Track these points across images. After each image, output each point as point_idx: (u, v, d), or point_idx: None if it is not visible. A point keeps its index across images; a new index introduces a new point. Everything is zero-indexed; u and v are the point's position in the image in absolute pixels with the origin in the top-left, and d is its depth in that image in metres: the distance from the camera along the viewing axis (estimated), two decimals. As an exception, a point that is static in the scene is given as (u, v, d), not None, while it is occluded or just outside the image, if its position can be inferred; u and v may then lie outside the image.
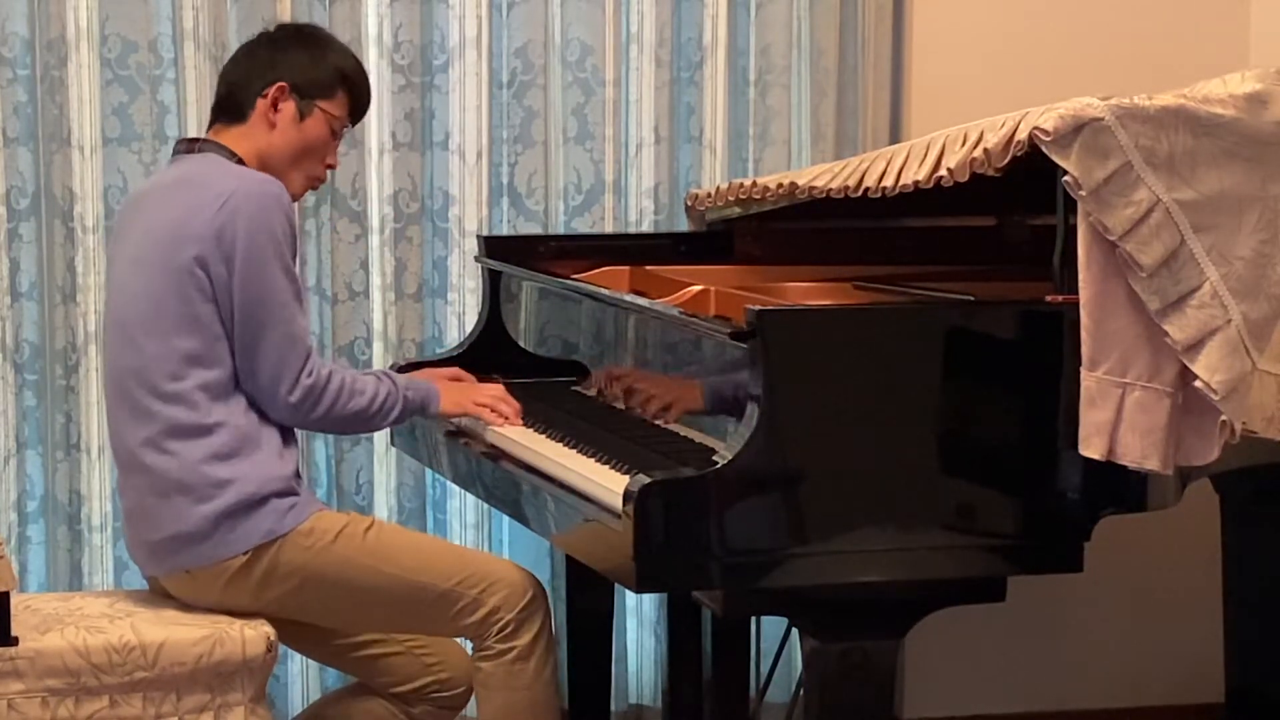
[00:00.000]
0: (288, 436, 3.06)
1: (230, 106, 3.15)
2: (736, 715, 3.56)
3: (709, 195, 3.77)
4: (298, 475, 3.05)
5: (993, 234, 3.65)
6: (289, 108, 3.12)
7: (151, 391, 2.98)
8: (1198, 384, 2.66)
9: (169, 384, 2.96)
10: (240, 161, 3.09)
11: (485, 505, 3.81)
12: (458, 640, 3.20)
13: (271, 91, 3.10)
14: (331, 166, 3.22)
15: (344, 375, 3.05)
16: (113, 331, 3.09)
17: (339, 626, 3.14)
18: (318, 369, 3.00)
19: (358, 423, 3.10)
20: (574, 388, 3.40)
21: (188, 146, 3.16)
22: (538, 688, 3.04)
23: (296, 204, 3.15)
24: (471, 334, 3.73)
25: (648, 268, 3.62)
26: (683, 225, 3.92)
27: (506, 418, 3.21)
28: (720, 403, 2.88)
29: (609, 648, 3.80)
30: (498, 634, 3.02)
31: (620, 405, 3.22)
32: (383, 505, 3.89)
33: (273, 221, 2.97)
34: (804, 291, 3.35)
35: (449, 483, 3.76)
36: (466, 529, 3.90)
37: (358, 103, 3.21)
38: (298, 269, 3.03)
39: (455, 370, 3.41)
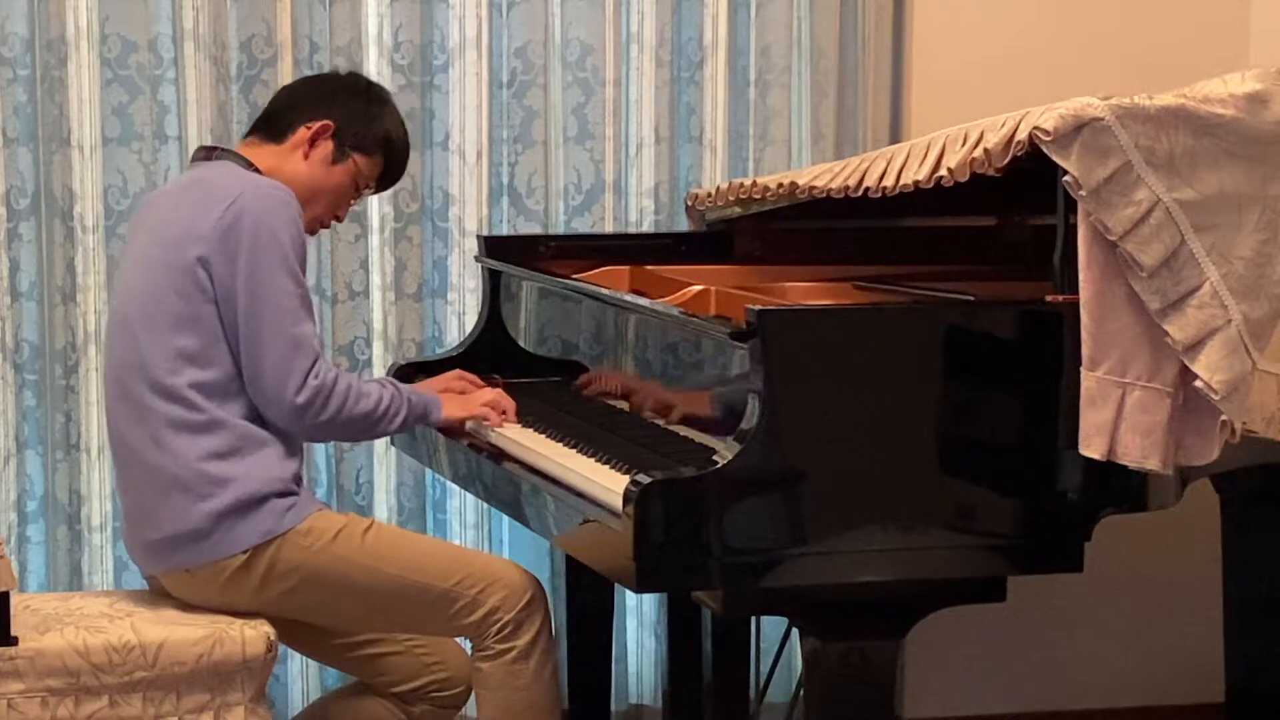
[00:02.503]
0: (290, 441, 3.05)
1: (272, 123, 3.19)
2: (736, 715, 3.56)
3: (709, 195, 3.77)
4: (298, 479, 3.05)
5: (993, 234, 3.65)
6: (326, 147, 3.15)
7: (150, 386, 2.99)
8: (1198, 384, 2.66)
9: (165, 379, 2.97)
10: (256, 172, 3.11)
11: (485, 505, 3.81)
12: (457, 640, 3.20)
13: (317, 126, 3.14)
14: (338, 219, 3.28)
15: (349, 378, 3.05)
16: (115, 328, 3.10)
17: (338, 626, 3.15)
18: (324, 371, 2.99)
19: (363, 427, 3.09)
20: (573, 385, 3.40)
21: (205, 154, 3.18)
22: (537, 688, 3.05)
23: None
24: (471, 334, 3.73)
25: (648, 268, 3.62)
26: (683, 225, 3.91)
27: (506, 414, 3.24)
28: (720, 403, 2.88)
29: (609, 648, 3.80)
30: (497, 634, 3.02)
31: (620, 405, 3.22)
32: (383, 505, 3.89)
33: (279, 225, 2.98)
34: (804, 291, 3.34)
35: (449, 483, 3.76)
36: (466, 529, 3.90)
37: (390, 172, 3.27)
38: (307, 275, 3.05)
39: (458, 372, 3.41)
